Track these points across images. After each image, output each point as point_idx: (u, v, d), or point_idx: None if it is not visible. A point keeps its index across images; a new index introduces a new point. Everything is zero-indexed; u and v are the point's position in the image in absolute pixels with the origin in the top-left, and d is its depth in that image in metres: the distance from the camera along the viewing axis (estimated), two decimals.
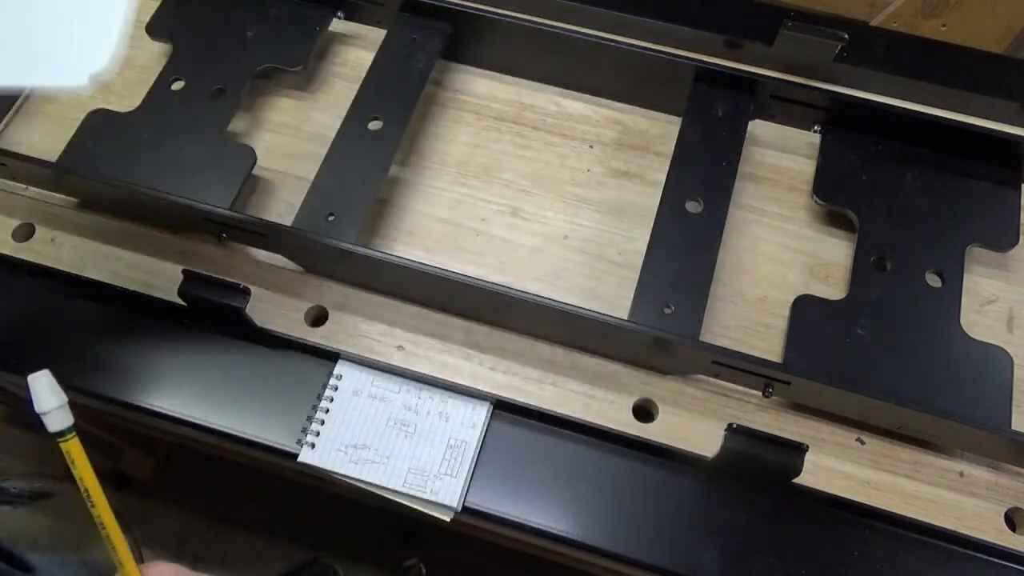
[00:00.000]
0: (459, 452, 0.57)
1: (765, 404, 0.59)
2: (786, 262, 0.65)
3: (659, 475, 0.57)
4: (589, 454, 0.58)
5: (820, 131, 0.68)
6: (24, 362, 0.60)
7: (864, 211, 0.64)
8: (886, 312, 0.60)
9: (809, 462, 0.53)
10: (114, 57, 0.48)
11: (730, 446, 0.52)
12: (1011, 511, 0.56)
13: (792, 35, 0.67)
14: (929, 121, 0.65)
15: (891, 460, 0.58)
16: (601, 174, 0.68)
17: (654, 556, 0.55)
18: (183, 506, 1.30)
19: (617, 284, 0.63)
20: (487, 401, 0.59)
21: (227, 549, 1.28)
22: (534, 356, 0.60)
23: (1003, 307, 0.63)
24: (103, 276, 0.62)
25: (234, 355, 0.61)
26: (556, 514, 0.56)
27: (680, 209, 0.62)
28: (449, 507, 0.56)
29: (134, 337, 0.61)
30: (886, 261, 0.62)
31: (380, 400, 0.59)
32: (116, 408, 0.61)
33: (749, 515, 0.56)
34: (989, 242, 0.63)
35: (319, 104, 0.71)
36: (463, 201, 0.66)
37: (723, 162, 0.64)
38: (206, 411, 0.59)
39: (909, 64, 0.72)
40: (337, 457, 0.57)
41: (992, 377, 0.58)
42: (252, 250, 0.63)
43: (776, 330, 0.62)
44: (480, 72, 0.73)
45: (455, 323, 0.61)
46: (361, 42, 0.74)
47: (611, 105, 0.71)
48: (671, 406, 0.59)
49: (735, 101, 0.66)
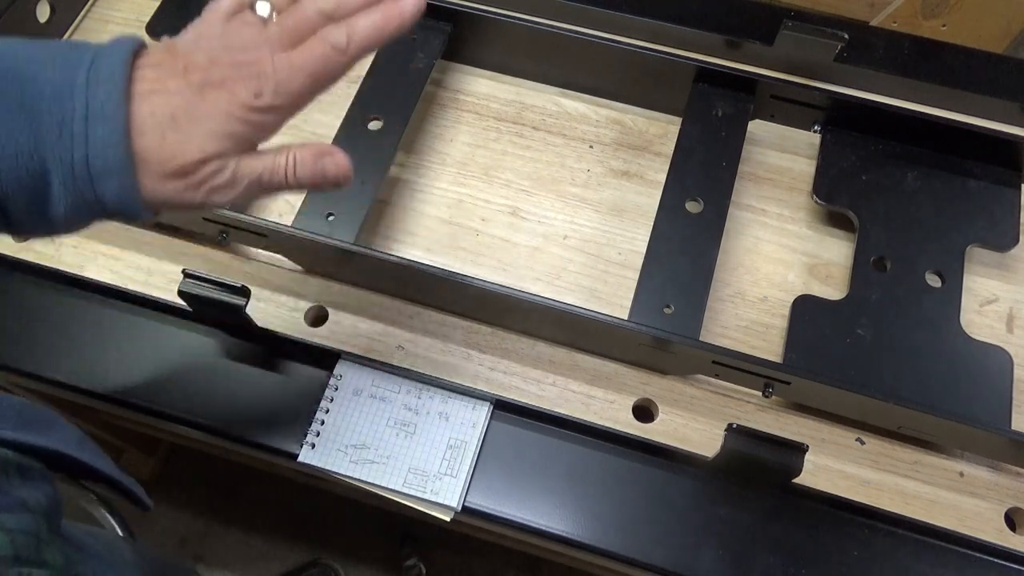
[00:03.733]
0: (459, 452, 0.57)
1: (765, 404, 0.59)
2: (786, 262, 0.65)
3: (659, 475, 0.57)
4: (589, 454, 0.58)
5: (820, 131, 0.68)
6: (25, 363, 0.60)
7: (864, 211, 0.64)
8: (886, 312, 0.60)
9: (809, 462, 0.53)
10: None
11: (730, 446, 0.52)
12: (1011, 511, 0.56)
13: (792, 35, 0.67)
14: (929, 121, 0.65)
15: (891, 460, 0.58)
16: (601, 174, 0.68)
17: (654, 556, 0.55)
18: (183, 506, 1.30)
19: (617, 284, 0.63)
20: (487, 401, 0.59)
21: (227, 549, 1.28)
22: (534, 356, 0.60)
23: (1003, 307, 0.63)
24: (103, 276, 0.62)
25: (234, 355, 0.61)
26: (556, 514, 0.56)
27: (680, 209, 0.62)
28: (449, 507, 0.56)
29: (134, 337, 0.61)
30: (886, 261, 0.62)
31: (380, 400, 0.59)
32: (116, 408, 0.61)
33: (749, 515, 0.56)
34: (989, 242, 0.63)
35: (319, 104, 0.70)
36: (463, 201, 0.66)
37: (723, 162, 0.64)
38: (206, 411, 0.59)
39: (909, 64, 0.72)
40: (337, 457, 0.57)
41: (992, 377, 0.58)
42: (252, 250, 0.63)
43: (776, 330, 0.62)
44: (480, 72, 0.73)
45: (455, 323, 0.61)
46: None
47: (611, 105, 0.71)
48: (671, 406, 0.59)
49: (735, 101, 0.66)
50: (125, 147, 0.34)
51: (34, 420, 0.38)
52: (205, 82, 0.36)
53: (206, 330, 0.61)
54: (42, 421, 0.39)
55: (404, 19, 0.39)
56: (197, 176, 0.36)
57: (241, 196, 0.38)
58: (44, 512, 0.33)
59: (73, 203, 0.35)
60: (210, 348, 0.61)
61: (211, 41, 0.37)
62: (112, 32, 0.73)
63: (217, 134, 0.36)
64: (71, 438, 0.40)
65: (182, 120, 0.35)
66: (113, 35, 0.36)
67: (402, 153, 0.68)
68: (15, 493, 0.33)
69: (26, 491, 0.34)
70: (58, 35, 0.72)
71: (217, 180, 0.36)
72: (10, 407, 0.37)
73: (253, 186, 0.38)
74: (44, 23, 0.70)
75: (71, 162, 0.34)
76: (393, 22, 0.38)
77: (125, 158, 0.34)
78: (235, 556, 1.27)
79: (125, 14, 0.75)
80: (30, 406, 0.39)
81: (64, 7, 0.72)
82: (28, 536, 0.31)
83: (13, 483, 0.34)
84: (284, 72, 0.36)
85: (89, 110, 0.34)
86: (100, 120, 0.34)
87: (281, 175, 0.38)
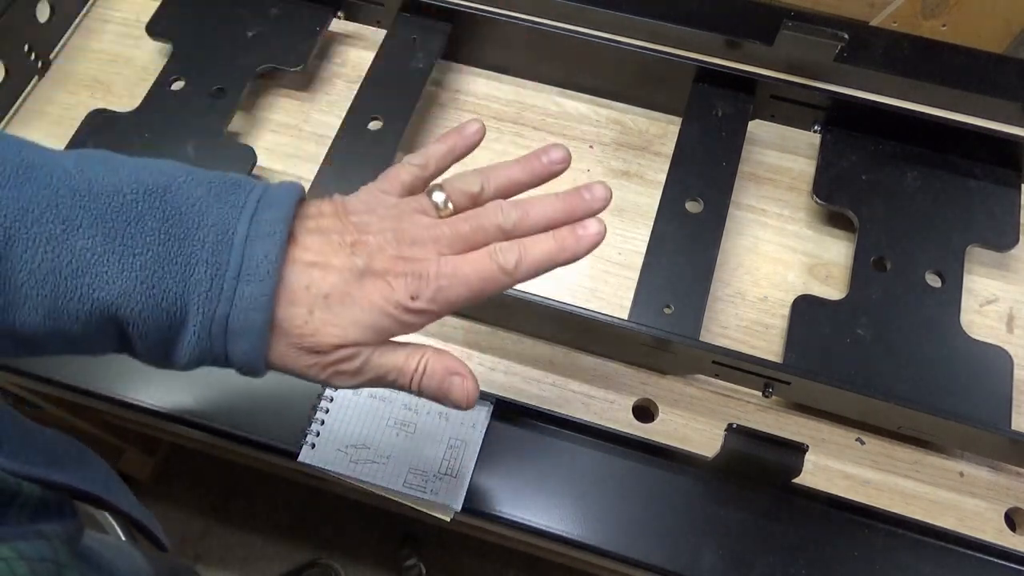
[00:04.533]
0: (459, 452, 0.57)
1: (765, 404, 0.59)
2: (786, 262, 0.65)
3: (659, 475, 0.57)
4: (589, 454, 0.58)
5: (820, 131, 0.68)
6: (25, 363, 0.60)
7: (864, 211, 0.64)
8: (886, 312, 0.60)
9: (809, 462, 0.53)
10: None
11: (730, 446, 0.52)
12: (1011, 511, 0.56)
13: (792, 35, 0.67)
14: (929, 121, 0.65)
15: (891, 460, 0.58)
16: (601, 174, 0.68)
17: (654, 556, 0.55)
18: (183, 506, 1.30)
19: (617, 284, 0.63)
20: (487, 401, 0.59)
21: (227, 549, 1.28)
22: (534, 356, 0.60)
23: (1003, 307, 0.63)
24: None
25: None
26: (556, 514, 0.56)
27: (680, 209, 0.62)
28: (449, 507, 0.56)
29: None
30: (886, 261, 0.62)
31: (380, 400, 0.59)
32: (116, 408, 0.61)
33: (749, 515, 0.56)
34: (989, 242, 0.63)
35: (319, 104, 0.71)
36: None
37: (723, 162, 0.64)
38: (206, 410, 0.59)
39: (909, 64, 0.72)
40: (337, 457, 0.57)
41: (992, 377, 0.58)
42: None
43: (776, 330, 0.62)
44: (480, 72, 0.73)
45: (455, 323, 0.61)
46: (361, 42, 0.74)
47: (611, 105, 0.71)
48: (671, 406, 0.59)
49: (735, 101, 0.66)
50: (270, 312, 0.33)
51: (64, 456, 0.37)
52: (368, 269, 0.35)
53: None
54: (72, 457, 0.38)
55: (579, 252, 0.37)
56: (330, 358, 0.35)
57: (362, 385, 0.37)
58: (64, 539, 0.33)
59: (199, 353, 0.34)
60: None
61: (383, 218, 0.36)
62: (112, 32, 0.73)
63: (364, 325, 0.35)
64: (98, 476, 0.39)
65: (335, 302, 0.34)
66: (113, 35, 0.36)
67: (402, 153, 0.68)
68: (36, 523, 0.33)
69: (47, 522, 0.33)
70: (59, 35, 0.72)
71: (346, 366, 0.35)
72: (43, 441, 0.36)
73: (377, 382, 0.37)
74: (44, 23, 0.70)
75: (212, 316, 0.33)
76: (567, 253, 0.37)
77: (266, 323, 0.33)
78: (235, 556, 1.27)
79: (125, 14, 0.74)
80: (62, 440, 0.38)
81: (64, 7, 0.72)
82: (47, 563, 0.31)
83: (37, 515, 0.33)
84: (446, 280, 0.35)
85: (243, 267, 0.33)
86: (252, 280, 0.33)
87: (407, 381, 0.37)
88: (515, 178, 0.40)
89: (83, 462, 0.39)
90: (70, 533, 0.35)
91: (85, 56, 0.72)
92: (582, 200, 0.38)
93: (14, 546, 0.29)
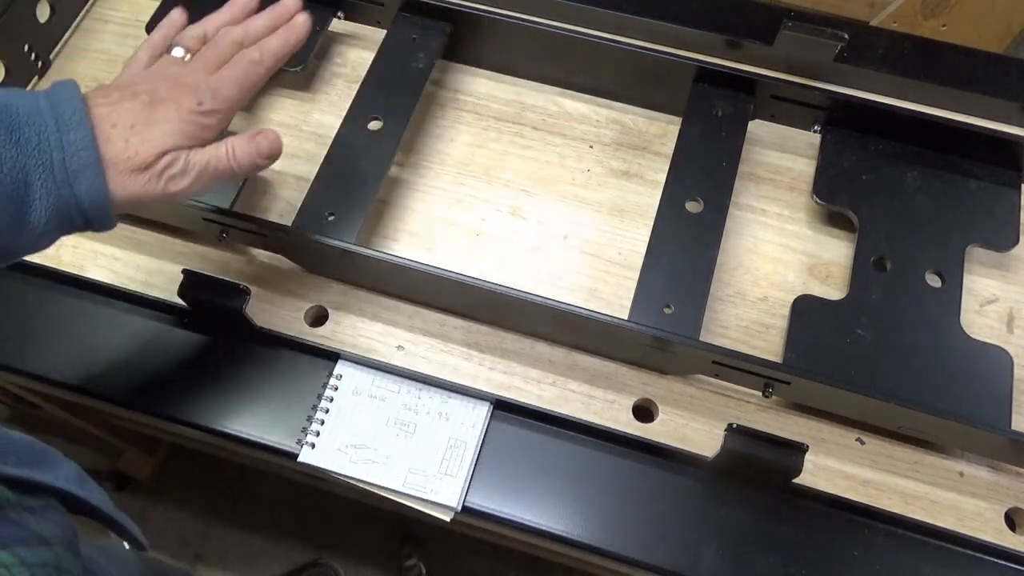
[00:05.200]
0: (459, 452, 0.57)
1: (765, 404, 0.59)
2: (786, 262, 0.65)
3: (659, 475, 0.57)
4: (589, 454, 0.58)
5: (820, 131, 0.68)
6: (25, 363, 0.60)
7: (864, 211, 0.64)
8: (886, 312, 0.60)
9: (809, 462, 0.53)
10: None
11: (730, 446, 0.52)
12: (1011, 511, 0.56)
13: (792, 35, 0.67)
14: (929, 121, 0.65)
15: (891, 460, 0.58)
16: (601, 174, 0.68)
17: (654, 556, 0.55)
18: (183, 506, 1.30)
19: (617, 284, 0.63)
20: (487, 401, 0.59)
21: (227, 549, 1.28)
22: (534, 356, 0.60)
23: (1003, 307, 0.63)
24: (103, 276, 0.62)
25: (234, 355, 0.61)
26: (556, 514, 0.56)
27: (680, 209, 0.62)
28: (449, 507, 0.56)
29: (134, 337, 0.61)
30: (886, 261, 0.62)
31: (380, 400, 0.59)
32: (116, 408, 0.61)
33: (749, 515, 0.56)
34: (989, 242, 0.63)
35: (319, 104, 0.71)
36: (463, 201, 0.66)
37: (723, 162, 0.64)
38: (206, 411, 0.59)
39: (909, 64, 0.72)
40: (337, 457, 0.57)
41: (992, 377, 0.58)
42: (252, 250, 0.63)
43: (776, 330, 0.62)
44: (480, 72, 0.73)
45: (455, 323, 0.61)
46: (361, 42, 0.74)
47: (611, 105, 0.71)
48: (671, 406, 0.59)
49: (735, 101, 0.66)
50: (94, 150, 0.42)
51: (37, 457, 0.38)
52: (154, 99, 0.45)
53: (206, 330, 0.61)
54: (44, 459, 0.39)
55: (300, 35, 0.51)
56: (156, 168, 0.44)
57: (195, 184, 0.46)
58: (62, 543, 0.34)
59: (53, 204, 0.41)
60: (210, 348, 0.61)
61: (147, 76, 0.47)
62: (112, 32, 0.73)
63: (172, 133, 0.44)
64: (71, 475, 0.40)
65: (140, 126, 0.44)
66: (113, 35, 0.38)
67: (402, 153, 0.68)
68: (31, 527, 0.33)
69: (42, 524, 0.34)
70: (59, 35, 0.72)
71: (172, 170, 0.45)
72: (12, 443, 0.38)
73: (204, 174, 0.46)
74: (44, 23, 0.70)
75: (50, 164, 0.41)
76: (292, 38, 0.50)
77: (95, 158, 0.42)
78: (235, 556, 1.27)
79: (125, 14, 0.74)
80: (33, 443, 0.39)
81: (64, 7, 0.72)
82: (48, 569, 0.32)
83: (26, 517, 0.34)
84: (217, 83, 0.47)
85: (59, 123, 0.41)
86: (70, 128, 0.41)
87: (224, 160, 0.47)
88: (225, 18, 0.51)
89: (55, 463, 0.40)
90: (68, 536, 0.35)
91: (85, 56, 0.72)
92: (285, 9, 0.51)
93: (15, 552, 0.30)
